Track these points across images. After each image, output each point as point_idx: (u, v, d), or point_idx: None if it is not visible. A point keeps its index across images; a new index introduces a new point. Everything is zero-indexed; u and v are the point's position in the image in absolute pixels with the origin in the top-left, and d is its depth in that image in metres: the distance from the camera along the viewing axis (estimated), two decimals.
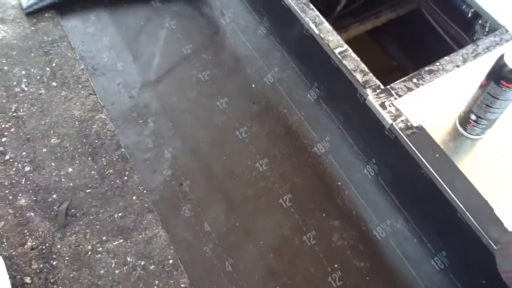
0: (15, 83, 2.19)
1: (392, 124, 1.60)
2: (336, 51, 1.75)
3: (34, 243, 1.82)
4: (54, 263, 1.79)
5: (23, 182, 1.95)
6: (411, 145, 1.56)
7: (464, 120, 1.54)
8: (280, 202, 1.94)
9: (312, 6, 1.85)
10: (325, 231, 1.89)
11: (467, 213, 1.41)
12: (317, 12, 1.84)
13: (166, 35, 2.33)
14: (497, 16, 1.92)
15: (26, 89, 2.18)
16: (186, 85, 2.19)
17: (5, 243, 1.81)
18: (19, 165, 1.99)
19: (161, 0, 2.42)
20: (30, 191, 1.93)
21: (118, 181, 1.96)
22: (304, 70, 2.10)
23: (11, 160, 1.99)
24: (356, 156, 1.95)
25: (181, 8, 2.41)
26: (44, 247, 1.82)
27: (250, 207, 1.93)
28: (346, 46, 1.77)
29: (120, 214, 1.89)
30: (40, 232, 1.85)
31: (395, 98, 1.65)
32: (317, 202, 1.95)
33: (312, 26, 1.80)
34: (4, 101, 2.14)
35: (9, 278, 1.65)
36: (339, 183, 1.97)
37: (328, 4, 2.86)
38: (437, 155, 1.53)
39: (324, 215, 1.92)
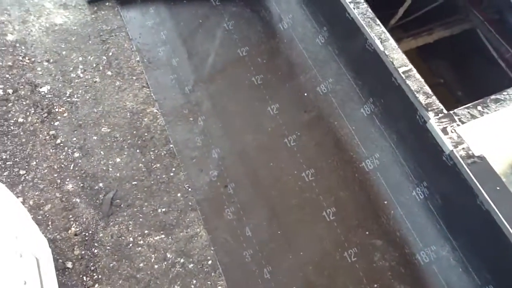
0: (71, 68, 2.23)
1: (452, 150, 1.55)
2: (400, 70, 1.71)
3: (77, 229, 1.85)
4: (96, 251, 1.81)
5: (71, 168, 1.98)
6: (471, 174, 1.51)
7: None
8: (323, 215, 1.92)
9: (378, 22, 1.82)
10: (367, 250, 1.86)
11: None
12: (383, 28, 1.81)
13: (223, 35, 2.32)
14: None
15: (81, 75, 2.21)
16: (239, 87, 2.19)
17: (50, 226, 1.84)
18: (69, 150, 2.01)
19: (221, 0, 2.41)
20: (78, 177, 1.95)
21: (164, 176, 1.97)
22: (360, 84, 2.06)
23: (61, 144, 2.02)
24: (406, 177, 1.91)
25: (240, 9, 2.40)
26: (87, 234, 1.84)
27: (293, 216, 1.91)
28: (410, 66, 1.73)
29: (163, 210, 1.90)
30: (84, 219, 1.87)
31: (458, 125, 1.60)
32: (361, 219, 1.91)
33: (377, 42, 1.77)
34: (60, 85, 2.17)
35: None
36: (385, 202, 1.93)
37: (382, 16, 2.81)
38: (498, 188, 1.48)
39: (367, 233, 1.89)
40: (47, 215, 1.86)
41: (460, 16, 3.66)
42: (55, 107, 2.11)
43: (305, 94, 2.18)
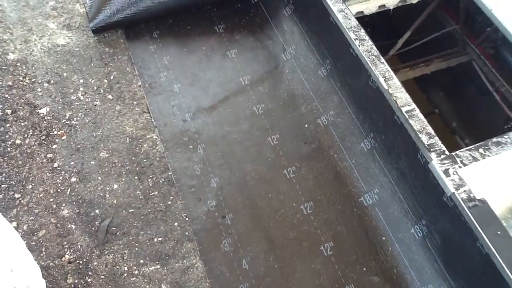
0: (72, 90, 2.21)
1: (454, 193, 1.55)
2: (404, 109, 1.72)
3: (71, 257, 1.81)
4: (89, 280, 1.77)
5: (68, 193, 1.95)
6: (472, 217, 1.51)
7: None
8: (321, 249, 1.91)
9: (383, 60, 1.83)
10: (364, 286, 1.84)
11: None
12: (387, 66, 1.82)
13: (226, 63, 2.33)
14: None
15: (82, 98, 2.19)
16: (240, 116, 2.18)
17: (44, 253, 1.81)
18: (66, 174, 1.99)
19: (224, 28, 2.43)
20: (74, 203, 1.93)
21: (161, 204, 1.95)
22: (361, 118, 2.07)
23: (59, 168, 2.00)
24: (404, 214, 1.91)
25: (244, 37, 2.41)
26: (81, 262, 1.80)
27: (291, 250, 1.90)
28: (414, 105, 1.74)
29: (160, 239, 1.87)
30: (79, 246, 1.84)
31: (460, 167, 1.61)
32: (359, 255, 1.90)
33: (381, 80, 1.78)
34: (60, 107, 2.16)
35: None
36: (384, 238, 1.93)
37: (380, 46, 2.84)
38: (499, 232, 1.48)
39: (364, 269, 1.88)
40: (41, 241, 1.82)
41: (457, 49, 3.72)
42: (53, 129, 2.09)
43: (306, 125, 2.18)
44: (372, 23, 3.28)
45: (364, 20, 2.98)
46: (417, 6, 3.08)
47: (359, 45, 1.87)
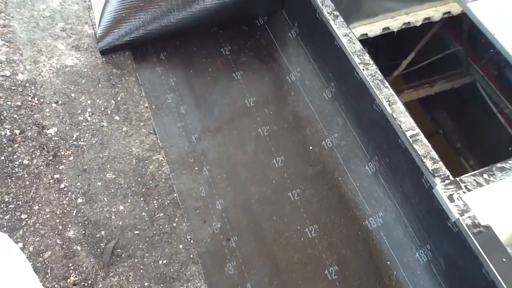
0: (79, 111, 2.24)
1: (458, 219, 1.56)
2: (408, 133, 1.73)
3: (77, 279, 1.82)
4: None
5: (74, 214, 1.96)
6: (477, 244, 1.51)
7: None
8: (325, 273, 1.90)
9: (387, 84, 1.85)
10: None
11: None
12: (391, 91, 1.84)
13: (232, 85, 2.35)
14: None
15: (89, 119, 2.22)
16: (245, 137, 2.20)
17: (49, 274, 1.81)
18: (73, 195, 2.00)
19: (230, 49, 2.46)
20: (80, 224, 1.94)
21: (167, 226, 1.96)
22: (365, 141, 2.08)
23: (65, 189, 2.02)
24: (409, 238, 1.91)
25: (250, 60, 2.44)
26: (86, 284, 1.81)
27: (295, 274, 1.90)
28: (418, 130, 1.75)
29: (164, 261, 1.88)
30: (84, 268, 1.84)
31: (464, 192, 1.61)
32: (364, 279, 1.90)
33: (386, 104, 1.80)
34: (67, 128, 2.18)
35: None
36: (388, 262, 1.92)
37: (384, 67, 2.87)
38: (504, 259, 1.48)
39: None
40: (47, 263, 1.83)
41: (461, 70, 3.74)
42: (61, 150, 2.11)
43: (311, 148, 2.19)
44: (376, 44, 3.31)
45: (368, 40, 3.01)
46: (421, 28, 3.11)
47: (363, 69, 1.89)
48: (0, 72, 2.32)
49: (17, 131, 2.15)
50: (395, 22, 2.90)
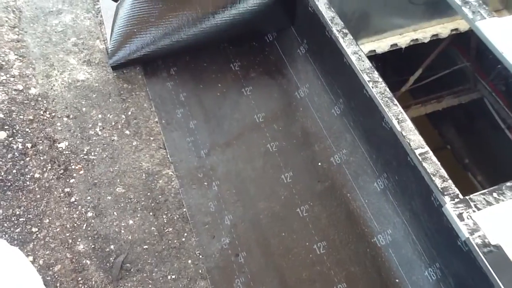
0: (90, 125, 2.27)
1: (468, 238, 1.55)
2: (417, 151, 1.74)
3: None
4: None
5: (84, 227, 1.98)
6: (487, 263, 1.51)
7: None
8: None
9: (396, 102, 1.86)
10: None
11: None
12: (400, 108, 1.85)
13: (241, 100, 2.38)
14: None
15: (100, 133, 2.24)
16: (254, 153, 2.22)
17: None
18: (83, 209, 2.02)
19: (240, 65, 2.49)
20: (90, 238, 1.95)
21: (175, 241, 1.96)
22: (374, 157, 2.09)
23: (76, 203, 2.03)
24: (418, 256, 1.90)
25: (259, 75, 2.46)
26: None
27: None
28: (427, 148, 1.75)
29: (173, 276, 1.88)
30: (93, 282, 1.85)
31: (474, 211, 1.61)
32: None
33: (395, 122, 1.81)
34: (78, 142, 2.21)
35: None
36: (397, 280, 1.92)
37: (391, 83, 2.89)
38: None
39: None
40: (56, 276, 1.84)
41: (469, 86, 3.75)
42: (71, 164, 2.13)
43: (319, 164, 2.20)
44: (384, 59, 3.33)
45: (376, 56, 3.03)
46: (428, 44, 3.13)
47: (372, 87, 1.91)
48: (13, 86, 2.36)
49: (29, 145, 2.18)
50: (403, 38, 2.92)
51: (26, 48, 2.54)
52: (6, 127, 2.22)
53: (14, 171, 2.10)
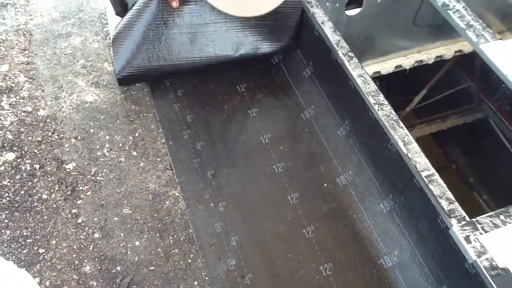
0: (98, 146, 2.29)
1: (475, 260, 1.55)
2: (423, 174, 1.74)
3: None
4: None
5: (90, 249, 1.98)
6: (495, 286, 1.50)
7: None
8: None
9: (402, 124, 1.87)
10: None
11: None
12: (406, 131, 1.86)
13: (247, 121, 2.40)
14: None
15: (107, 154, 2.26)
16: (260, 174, 2.23)
17: None
18: (90, 230, 2.03)
19: (246, 87, 2.51)
20: (96, 259, 1.96)
21: (182, 262, 1.96)
22: (380, 179, 2.09)
23: (83, 224, 2.04)
24: (425, 278, 1.89)
25: (265, 97, 2.49)
26: None
27: None
28: (433, 170, 1.76)
29: None
30: None
31: (481, 233, 1.61)
32: None
33: (401, 144, 1.82)
34: (86, 163, 2.23)
35: None
36: None
37: (395, 102, 2.90)
38: None
39: None
40: None
41: (473, 106, 3.77)
42: (79, 185, 2.15)
43: (325, 185, 2.21)
44: (389, 79, 3.36)
45: (380, 76, 3.06)
46: (433, 65, 3.15)
47: (378, 110, 1.92)
48: (23, 108, 2.39)
49: (37, 166, 2.20)
50: (407, 60, 2.95)
51: (36, 70, 2.58)
52: (15, 148, 2.25)
53: (22, 192, 2.11)
